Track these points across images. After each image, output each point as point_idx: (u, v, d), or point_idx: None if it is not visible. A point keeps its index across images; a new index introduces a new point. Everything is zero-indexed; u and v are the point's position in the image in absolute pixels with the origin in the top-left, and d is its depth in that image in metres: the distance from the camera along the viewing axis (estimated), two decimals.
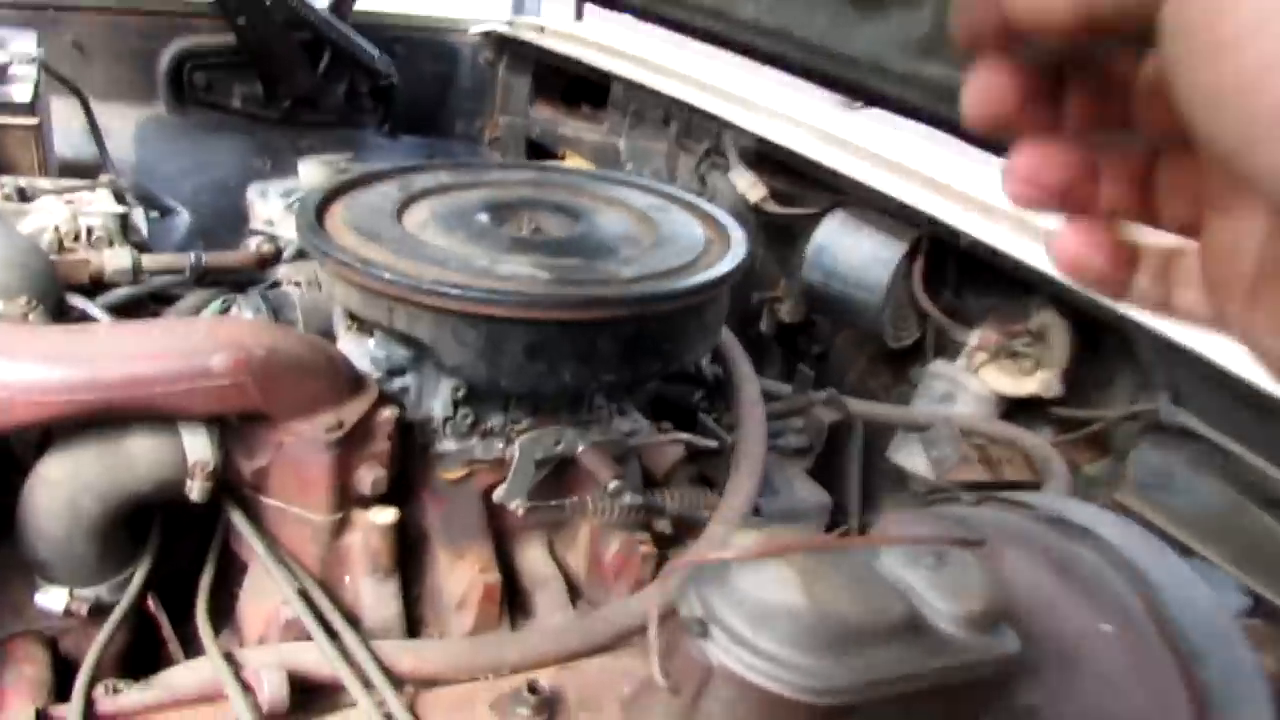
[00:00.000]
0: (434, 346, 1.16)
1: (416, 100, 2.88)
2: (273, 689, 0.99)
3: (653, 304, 1.14)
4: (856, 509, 1.61)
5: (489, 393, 1.30)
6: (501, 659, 1.14)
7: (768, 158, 1.88)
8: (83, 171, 1.97)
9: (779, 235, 1.90)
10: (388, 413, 1.22)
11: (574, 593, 1.38)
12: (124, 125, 2.43)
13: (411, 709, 1.06)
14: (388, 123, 2.84)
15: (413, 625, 1.30)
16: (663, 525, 1.32)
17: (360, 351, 1.36)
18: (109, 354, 1.04)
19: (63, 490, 1.05)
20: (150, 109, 2.50)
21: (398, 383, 1.34)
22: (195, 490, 1.11)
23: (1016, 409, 1.60)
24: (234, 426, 1.17)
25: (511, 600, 1.34)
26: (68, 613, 1.08)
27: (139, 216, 1.87)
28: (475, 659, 1.14)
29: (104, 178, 1.96)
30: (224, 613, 1.25)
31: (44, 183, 1.86)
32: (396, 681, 1.12)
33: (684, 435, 1.41)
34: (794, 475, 1.53)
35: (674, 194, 1.52)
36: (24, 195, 1.73)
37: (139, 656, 1.19)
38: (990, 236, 1.50)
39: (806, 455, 1.59)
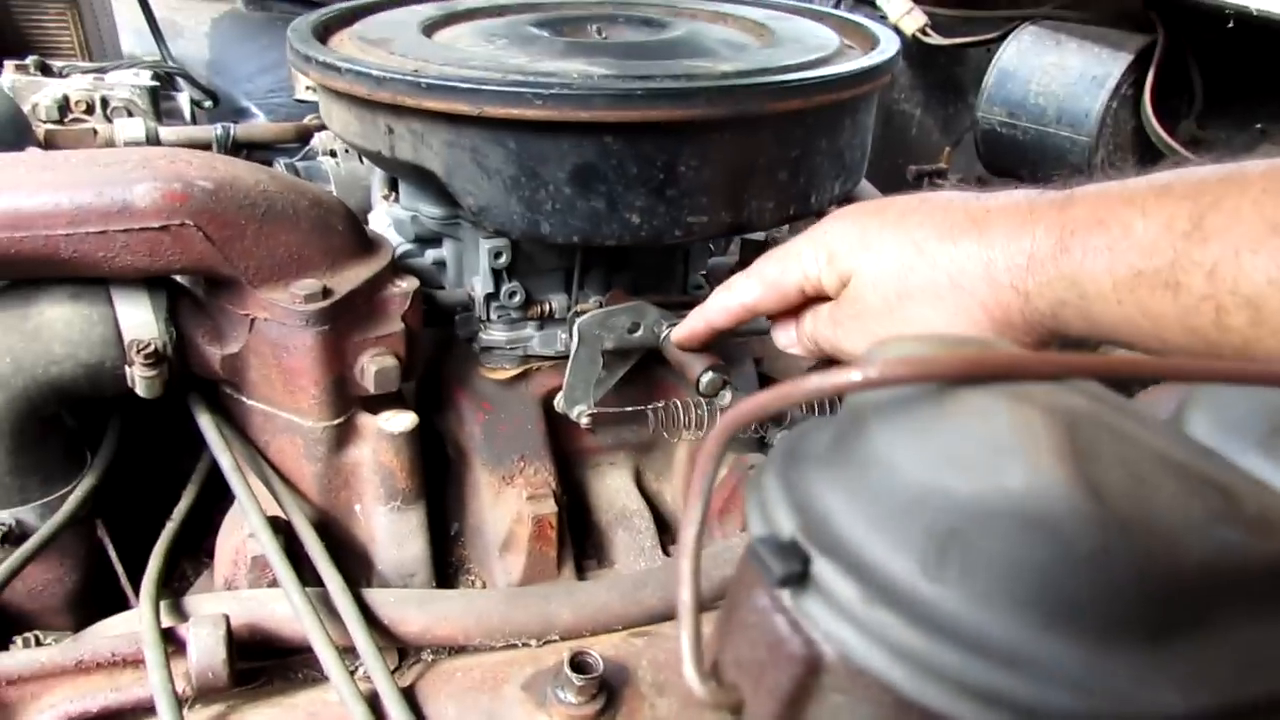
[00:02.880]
0: (450, 181, 0.82)
1: None
2: (201, 652, 0.69)
3: (761, 99, 0.77)
4: None
5: (542, 259, 0.96)
6: (549, 619, 0.81)
7: None
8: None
9: (943, 84, 1.48)
10: (404, 285, 0.90)
11: (670, 535, 1.03)
12: (198, 23, 2.21)
13: (411, 687, 0.74)
14: None
15: (451, 572, 0.98)
16: None
17: (389, 223, 1.05)
18: None
19: None
20: (227, 4, 2.28)
21: (431, 255, 1.02)
22: (138, 380, 0.82)
23: None
24: (193, 296, 0.87)
25: (584, 543, 1.01)
26: None
27: (183, 100, 1.62)
28: (511, 619, 0.80)
29: (150, 59, 1.73)
30: None
31: (84, 64, 1.64)
32: (401, 646, 0.81)
33: None
34: None
35: (801, 6, 1.13)
36: (49, 71, 1.50)
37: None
38: None
39: None
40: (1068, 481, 0.22)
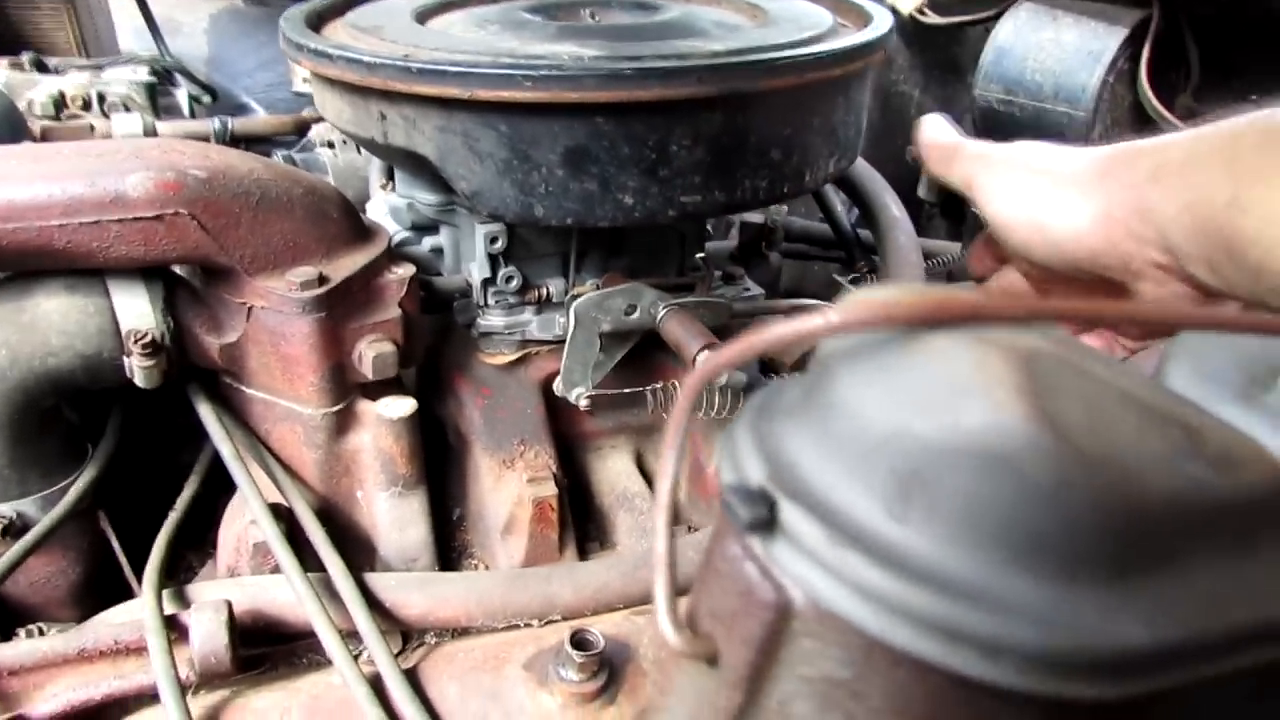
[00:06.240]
0: (443, 166, 0.82)
1: None
2: (203, 638, 0.69)
3: (752, 77, 0.76)
4: None
5: (538, 243, 0.96)
6: (550, 599, 0.81)
7: None
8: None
9: (941, 64, 1.47)
10: (400, 271, 0.90)
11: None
12: (197, 20, 2.22)
13: (414, 669, 0.75)
14: None
15: (454, 557, 0.99)
16: None
17: (387, 212, 1.05)
18: None
19: None
20: (226, 0, 2.28)
21: (428, 242, 1.03)
22: (136, 370, 0.82)
23: None
24: (190, 286, 0.87)
25: (587, 526, 1.01)
26: None
27: (181, 96, 1.62)
28: (512, 600, 0.81)
29: (147, 55, 1.73)
30: None
31: (80, 61, 1.64)
32: (404, 629, 0.81)
33: (812, 301, 1.03)
34: None
35: None
36: (44, 68, 1.51)
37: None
38: None
39: None
40: (1026, 417, 0.22)
